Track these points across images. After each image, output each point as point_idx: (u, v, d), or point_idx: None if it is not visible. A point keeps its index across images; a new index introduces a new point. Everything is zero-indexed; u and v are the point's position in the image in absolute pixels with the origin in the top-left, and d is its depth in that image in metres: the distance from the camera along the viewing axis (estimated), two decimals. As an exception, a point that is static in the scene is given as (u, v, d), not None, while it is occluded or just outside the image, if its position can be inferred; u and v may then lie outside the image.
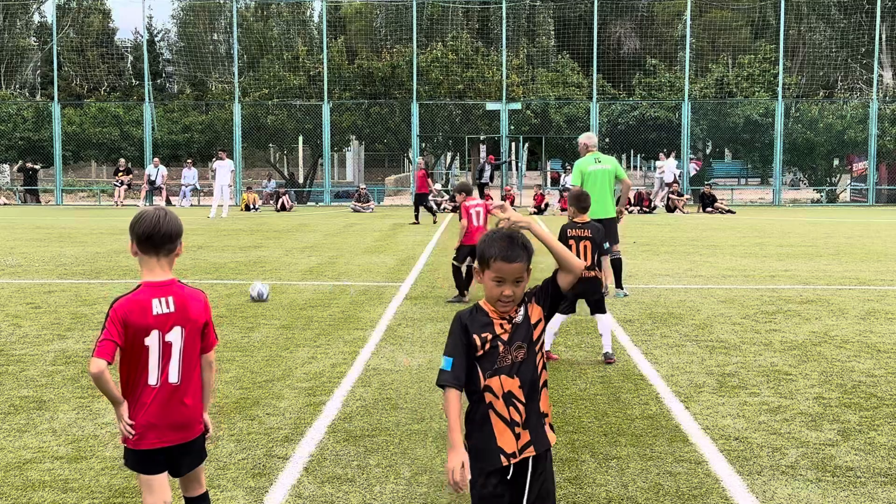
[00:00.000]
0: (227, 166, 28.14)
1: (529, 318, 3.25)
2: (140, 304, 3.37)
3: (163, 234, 3.41)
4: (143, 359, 3.39)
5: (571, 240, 7.50)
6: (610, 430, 5.59)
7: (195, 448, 3.56)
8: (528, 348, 3.23)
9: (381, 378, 6.90)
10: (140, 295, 3.39)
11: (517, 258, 3.14)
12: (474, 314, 3.24)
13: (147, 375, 3.40)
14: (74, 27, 49.46)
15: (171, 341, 3.41)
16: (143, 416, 3.41)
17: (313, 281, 12.29)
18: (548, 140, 39.66)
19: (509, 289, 3.16)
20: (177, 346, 3.42)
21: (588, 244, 7.49)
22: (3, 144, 39.93)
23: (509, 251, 3.15)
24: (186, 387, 3.48)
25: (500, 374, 3.18)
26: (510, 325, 3.22)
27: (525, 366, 3.21)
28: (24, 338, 8.40)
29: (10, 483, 4.69)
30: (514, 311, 3.23)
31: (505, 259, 3.14)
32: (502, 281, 3.15)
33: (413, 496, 4.53)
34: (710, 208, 32.61)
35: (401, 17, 43.05)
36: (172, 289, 3.44)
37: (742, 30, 43.78)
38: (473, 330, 3.20)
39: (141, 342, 3.37)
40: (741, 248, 17.60)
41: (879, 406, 6.18)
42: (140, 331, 3.36)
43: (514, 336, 3.21)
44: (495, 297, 3.19)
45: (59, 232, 21.25)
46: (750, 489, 4.63)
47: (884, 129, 38.44)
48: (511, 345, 3.20)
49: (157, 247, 3.43)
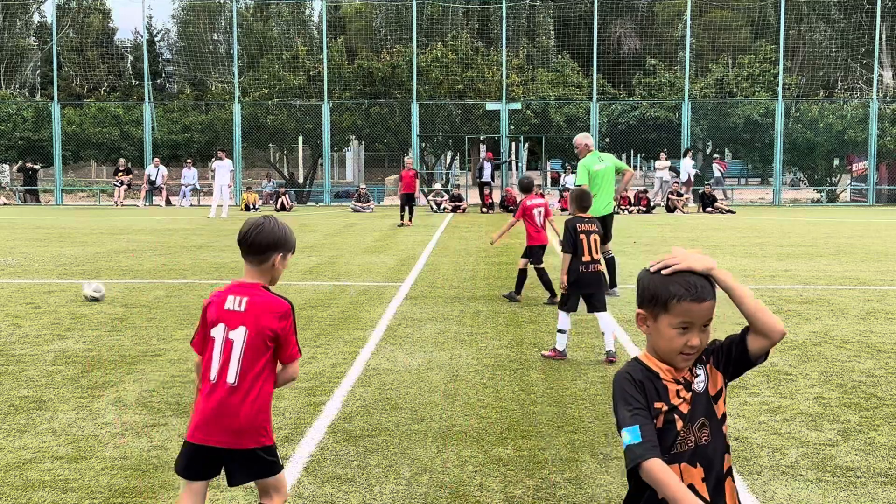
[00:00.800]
0: (227, 166, 28.16)
1: (709, 387, 2.55)
2: (220, 297, 3.52)
3: (249, 244, 3.53)
4: (209, 350, 3.48)
5: (582, 234, 7.57)
6: (610, 430, 5.58)
7: (249, 458, 3.45)
8: (712, 427, 2.52)
9: (381, 378, 6.90)
10: (224, 290, 3.55)
11: (707, 295, 2.48)
12: (643, 372, 2.54)
13: (209, 368, 3.47)
14: (74, 27, 49.45)
15: (234, 339, 3.44)
16: (199, 410, 3.47)
17: (313, 281, 12.28)
18: (548, 140, 39.65)
19: (696, 336, 2.49)
20: (238, 346, 3.43)
21: (597, 238, 7.63)
22: (3, 144, 39.92)
23: (698, 288, 2.47)
24: (243, 391, 3.40)
25: (679, 462, 2.47)
26: (689, 394, 2.50)
27: (709, 450, 2.51)
28: (24, 338, 8.40)
29: (10, 483, 4.69)
30: (691, 374, 2.54)
31: (695, 299, 2.47)
32: (688, 327, 2.48)
33: (413, 496, 4.53)
34: (710, 208, 32.60)
35: (401, 17, 43.05)
36: (251, 291, 3.51)
37: (742, 30, 43.78)
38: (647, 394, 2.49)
39: (209, 332, 3.50)
40: (741, 248, 17.60)
41: (879, 406, 6.18)
42: (212, 322, 3.49)
43: (696, 409, 2.50)
44: (677, 350, 2.49)
45: (59, 232, 21.24)
46: (750, 489, 4.63)
47: (884, 129, 38.43)
48: (693, 422, 2.49)
49: (245, 254, 3.56)
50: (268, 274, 3.57)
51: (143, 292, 11.29)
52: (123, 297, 10.91)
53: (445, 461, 5.03)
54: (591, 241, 7.56)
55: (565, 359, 7.57)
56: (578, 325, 9.14)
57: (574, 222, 7.67)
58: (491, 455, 5.13)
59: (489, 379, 6.90)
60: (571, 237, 7.55)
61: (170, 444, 5.30)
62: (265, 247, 3.51)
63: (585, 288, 7.59)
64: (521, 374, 7.05)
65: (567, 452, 5.18)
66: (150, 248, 17.14)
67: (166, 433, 5.51)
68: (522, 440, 5.40)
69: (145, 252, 16.27)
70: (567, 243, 7.58)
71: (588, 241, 7.55)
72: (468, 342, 8.27)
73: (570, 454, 5.15)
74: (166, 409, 6.04)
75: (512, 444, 5.32)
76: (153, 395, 6.38)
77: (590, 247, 7.53)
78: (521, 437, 5.46)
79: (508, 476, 4.81)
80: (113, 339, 8.33)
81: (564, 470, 4.89)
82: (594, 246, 7.57)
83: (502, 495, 4.54)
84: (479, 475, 4.82)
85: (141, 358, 7.56)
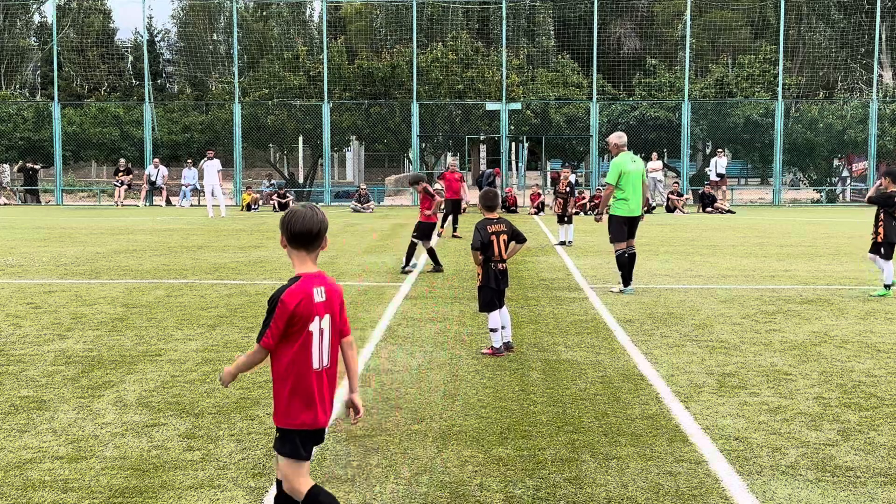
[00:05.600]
0: (216, 166, 28.22)
1: None
2: (306, 293, 3.66)
3: (317, 233, 3.71)
4: (308, 344, 3.65)
5: (493, 235, 7.80)
6: (610, 430, 5.59)
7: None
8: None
9: (381, 378, 6.90)
10: (304, 285, 3.68)
11: None
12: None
13: (311, 359, 3.66)
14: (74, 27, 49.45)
15: (324, 328, 3.71)
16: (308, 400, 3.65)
17: (313, 281, 12.26)
18: (548, 140, 39.65)
19: None
20: (327, 333, 3.72)
21: (506, 238, 7.89)
22: (4, 144, 39.90)
23: None
24: (333, 370, 3.76)
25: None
26: None
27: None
28: (24, 338, 8.40)
29: (10, 483, 4.69)
30: None
31: None
32: None
33: (413, 496, 4.53)
34: (710, 208, 32.61)
35: (401, 17, 43.04)
36: (323, 280, 3.74)
37: (742, 30, 43.76)
38: None
39: (306, 328, 3.64)
40: (741, 248, 17.60)
41: (879, 406, 6.18)
42: (305, 317, 3.64)
43: None
44: None
45: (59, 232, 21.24)
46: (750, 489, 4.63)
47: (883, 129, 38.43)
48: None
49: (309, 243, 3.72)
50: (318, 255, 3.79)
51: (143, 292, 11.29)
52: (123, 297, 10.91)
53: (445, 461, 5.03)
54: (501, 241, 7.84)
55: (503, 355, 7.68)
56: (578, 325, 9.15)
57: (484, 223, 7.88)
58: (491, 455, 5.14)
59: (489, 379, 6.90)
60: (481, 237, 7.78)
61: (170, 443, 5.30)
62: (324, 230, 3.76)
63: (498, 285, 7.85)
64: (521, 374, 7.05)
65: (567, 452, 5.18)
66: (150, 248, 17.14)
67: (166, 433, 5.51)
68: (522, 440, 5.40)
69: (145, 252, 16.27)
70: (477, 242, 7.81)
71: (498, 241, 7.82)
72: (468, 342, 8.27)
73: (570, 454, 5.15)
74: (166, 409, 6.04)
75: (512, 444, 5.32)
76: (153, 395, 6.38)
77: (500, 247, 7.83)
78: (521, 437, 5.47)
79: (508, 476, 4.81)
80: (113, 339, 8.33)
81: (564, 470, 4.89)
82: (503, 246, 7.86)
83: (502, 495, 4.54)
84: (479, 475, 4.82)
85: (141, 358, 7.56)
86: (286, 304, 3.60)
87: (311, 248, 3.72)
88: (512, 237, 7.94)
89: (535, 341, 8.34)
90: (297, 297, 3.62)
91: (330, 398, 3.75)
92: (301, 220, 3.68)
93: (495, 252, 7.80)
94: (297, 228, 3.67)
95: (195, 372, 7.06)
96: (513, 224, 8.06)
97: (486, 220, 7.94)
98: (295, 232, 3.68)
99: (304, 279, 3.69)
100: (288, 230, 3.70)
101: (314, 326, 3.65)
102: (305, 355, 3.65)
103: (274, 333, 3.61)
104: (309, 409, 3.65)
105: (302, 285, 3.66)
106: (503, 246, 7.86)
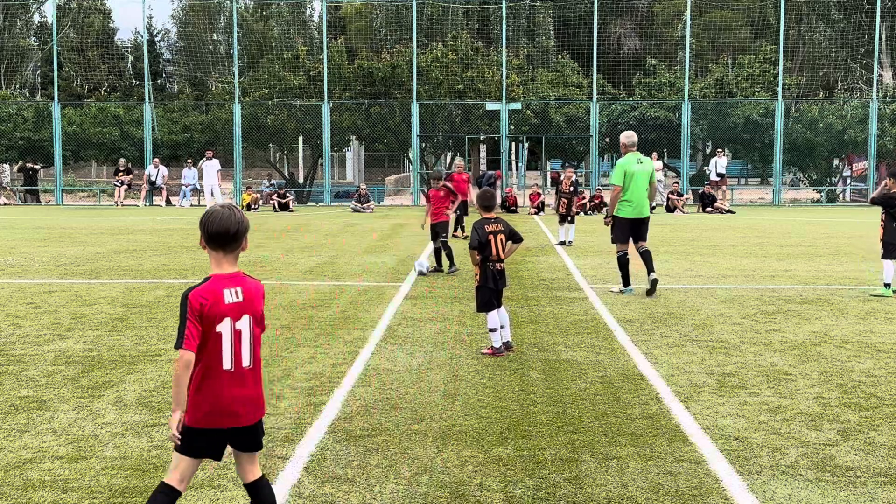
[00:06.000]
0: (215, 166, 28.24)
1: None
2: (215, 294, 3.63)
3: (234, 234, 3.67)
4: (214, 344, 3.61)
5: (490, 234, 7.81)
6: (610, 430, 5.59)
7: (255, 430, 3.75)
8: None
9: (381, 378, 6.90)
10: (213, 286, 3.65)
11: None
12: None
13: (220, 360, 3.63)
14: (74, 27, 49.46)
15: (241, 328, 3.67)
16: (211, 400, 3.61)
17: (313, 281, 12.29)
18: (548, 140, 39.65)
19: None
20: (247, 334, 3.69)
21: (503, 237, 7.90)
22: (4, 144, 39.91)
23: None
24: (257, 371, 3.74)
25: None
26: None
27: None
28: (24, 338, 8.40)
29: (10, 483, 4.69)
30: None
31: None
32: None
33: (413, 496, 4.53)
34: (710, 208, 32.60)
35: (401, 17, 43.04)
36: (240, 280, 3.71)
37: (742, 30, 43.77)
38: None
39: (214, 329, 3.61)
40: (741, 248, 17.60)
41: (879, 406, 6.18)
42: (213, 318, 3.60)
43: None
44: None
45: (59, 232, 21.25)
46: (750, 489, 4.63)
47: (884, 129, 38.43)
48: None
49: (226, 244, 3.68)
50: (238, 255, 3.76)
51: (143, 292, 11.29)
52: (123, 297, 10.91)
53: (445, 461, 5.03)
54: (499, 240, 7.85)
55: (503, 355, 7.67)
56: (578, 325, 9.15)
57: (482, 223, 7.89)
58: (491, 455, 5.14)
59: (489, 379, 6.90)
60: (478, 236, 7.79)
61: (170, 444, 5.30)
62: (244, 232, 3.71)
63: (496, 285, 7.86)
64: (521, 374, 7.05)
65: (567, 452, 5.18)
66: (150, 248, 17.15)
67: (166, 433, 5.51)
68: (522, 440, 5.40)
69: (145, 252, 16.27)
70: (475, 241, 7.83)
71: (496, 240, 7.82)
72: (468, 342, 8.27)
73: (570, 454, 5.15)
74: (166, 409, 6.03)
75: (512, 444, 5.32)
76: (153, 395, 6.38)
77: (497, 246, 7.83)
78: (521, 437, 5.47)
79: (508, 476, 4.81)
80: (113, 339, 8.33)
81: (564, 470, 4.89)
82: (501, 245, 7.86)
83: (502, 495, 4.54)
84: (479, 475, 4.82)
85: (141, 358, 7.56)
86: (192, 303, 3.57)
87: (229, 249, 3.68)
88: (509, 237, 7.95)
89: (535, 341, 8.34)
90: (202, 297, 3.59)
91: (252, 398, 3.69)
92: (218, 221, 3.64)
93: (493, 252, 7.81)
94: (214, 229, 3.64)
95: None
96: (510, 224, 8.08)
97: (483, 219, 7.96)
98: (211, 232, 3.64)
99: (213, 280, 3.65)
100: (205, 231, 3.66)
101: (223, 327, 3.60)
102: (214, 356, 3.61)
103: (193, 333, 3.56)
104: (215, 409, 3.60)
105: (210, 286, 3.63)
106: (501, 246, 7.87)
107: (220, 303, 3.61)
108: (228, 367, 3.63)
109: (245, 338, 3.67)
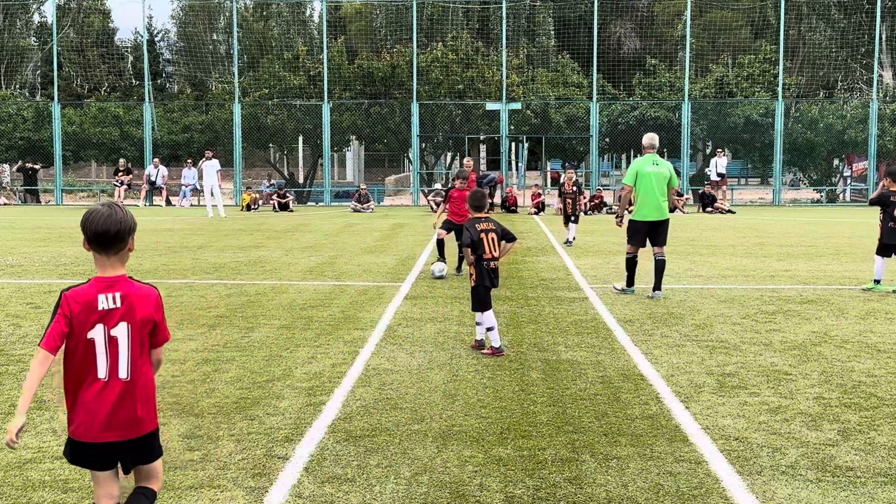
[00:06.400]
0: (215, 166, 28.28)
1: None
2: (87, 299, 3.43)
3: (112, 235, 3.46)
4: (88, 352, 3.44)
5: (482, 233, 7.86)
6: (610, 430, 5.59)
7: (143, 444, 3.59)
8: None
9: (381, 378, 6.90)
10: (88, 289, 3.46)
11: None
12: None
13: (95, 370, 3.44)
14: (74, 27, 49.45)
15: (118, 336, 3.46)
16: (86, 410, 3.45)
17: (313, 281, 12.28)
18: (548, 140, 39.65)
19: None
20: (124, 342, 3.47)
21: (495, 237, 7.95)
22: (3, 144, 39.92)
23: None
24: (136, 382, 3.52)
25: None
26: None
27: None
28: (24, 338, 8.40)
29: (10, 483, 4.69)
30: None
31: None
32: None
33: (413, 496, 4.53)
34: (710, 208, 32.60)
35: (401, 17, 43.04)
36: (121, 285, 3.49)
37: (742, 30, 43.77)
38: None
39: (85, 335, 3.42)
40: (741, 248, 17.60)
41: (879, 406, 6.18)
42: (83, 324, 3.42)
43: None
44: None
45: (59, 232, 21.24)
46: (750, 489, 4.63)
47: (884, 129, 38.44)
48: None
49: (107, 246, 3.48)
50: (125, 257, 3.55)
51: (143, 292, 11.27)
52: (123, 297, 10.89)
53: (445, 461, 5.03)
54: (490, 239, 7.90)
55: (503, 354, 7.67)
56: (578, 325, 9.15)
57: (473, 222, 7.96)
58: (491, 455, 5.13)
59: (489, 379, 6.90)
60: (471, 235, 7.84)
61: (170, 444, 5.30)
62: (127, 232, 3.50)
63: (492, 283, 7.90)
64: (521, 374, 7.05)
65: (567, 452, 5.18)
66: (150, 248, 17.14)
67: (166, 433, 5.51)
68: (522, 440, 5.40)
69: (145, 252, 16.27)
70: (467, 239, 7.88)
71: (487, 239, 7.88)
72: (468, 342, 8.27)
73: (570, 454, 5.15)
74: (166, 409, 6.03)
75: (512, 444, 5.32)
76: (153, 395, 6.37)
77: (489, 245, 7.88)
78: (521, 437, 5.47)
79: (508, 476, 4.81)
80: (113, 339, 8.32)
81: (564, 470, 4.89)
82: (493, 244, 7.92)
83: (502, 495, 4.54)
84: (479, 475, 4.82)
85: (141, 358, 7.55)
86: (64, 302, 3.41)
87: (112, 251, 3.48)
88: (502, 237, 8.00)
89: (535, 341, 8.34)
90: (75, 299, 3.42)
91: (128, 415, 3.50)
92: (97, 221, 3.44)
93: (486, 250, 7.86)
94: (93, 229, 3.45)
95: (195, 372, 7.06)
96: (501, 224, 8.11)
97: (474, 219, 8.03)
98: (91, 233, 3.46)
99: (91, 283, 3.47)
100: (85, 231, 3.48)
101: (95, 334, 3.42)
102: (87, 364, 3.44)
103: (55, 332, 3.37)
104: (92, 421, 3.45)
105: (86, 289, 3.45)
106: (493, 244, 7.92)
107: (92, 308, 3.42)
108: (103, 377, 3.44)
109: (122, 347, 3.45)
